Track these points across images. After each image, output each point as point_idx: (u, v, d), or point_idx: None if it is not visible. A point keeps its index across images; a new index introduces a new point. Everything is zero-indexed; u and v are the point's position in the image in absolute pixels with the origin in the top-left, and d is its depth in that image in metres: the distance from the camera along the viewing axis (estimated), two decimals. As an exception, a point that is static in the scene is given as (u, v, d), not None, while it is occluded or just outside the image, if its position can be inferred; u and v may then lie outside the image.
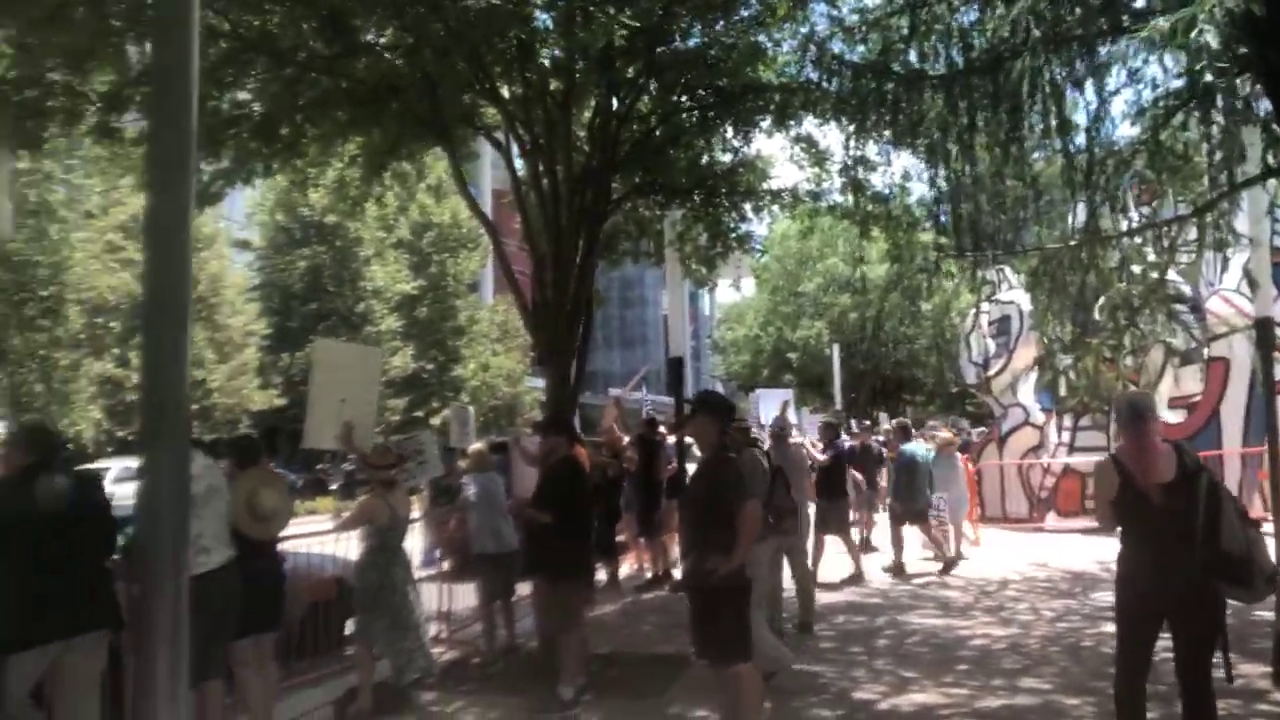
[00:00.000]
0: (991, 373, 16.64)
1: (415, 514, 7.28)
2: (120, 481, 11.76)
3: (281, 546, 5.63)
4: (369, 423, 6.62)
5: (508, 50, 7.03)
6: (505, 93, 8.01)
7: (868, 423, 17.81)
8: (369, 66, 7.20)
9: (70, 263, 22.26)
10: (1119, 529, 4.30)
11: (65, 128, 7.32)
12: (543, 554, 6.27)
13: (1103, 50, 6.70)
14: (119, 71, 7.13)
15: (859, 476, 12.53)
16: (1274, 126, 6.17)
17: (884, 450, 13.51)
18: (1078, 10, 6.16)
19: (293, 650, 6.07)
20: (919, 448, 11.42)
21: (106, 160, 9.64)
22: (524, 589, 7.42)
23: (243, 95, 7.89)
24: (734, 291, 32.80)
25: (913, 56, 7.19)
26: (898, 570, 10.60)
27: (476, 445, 8.23)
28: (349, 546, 7.15)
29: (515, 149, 8.90)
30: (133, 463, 8.25)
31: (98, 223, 24.12)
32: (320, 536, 6.65)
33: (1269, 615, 6.11)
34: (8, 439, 4.20)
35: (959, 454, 13.57)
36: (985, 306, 16.03)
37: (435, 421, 31.59)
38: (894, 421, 14.07)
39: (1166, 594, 4.06)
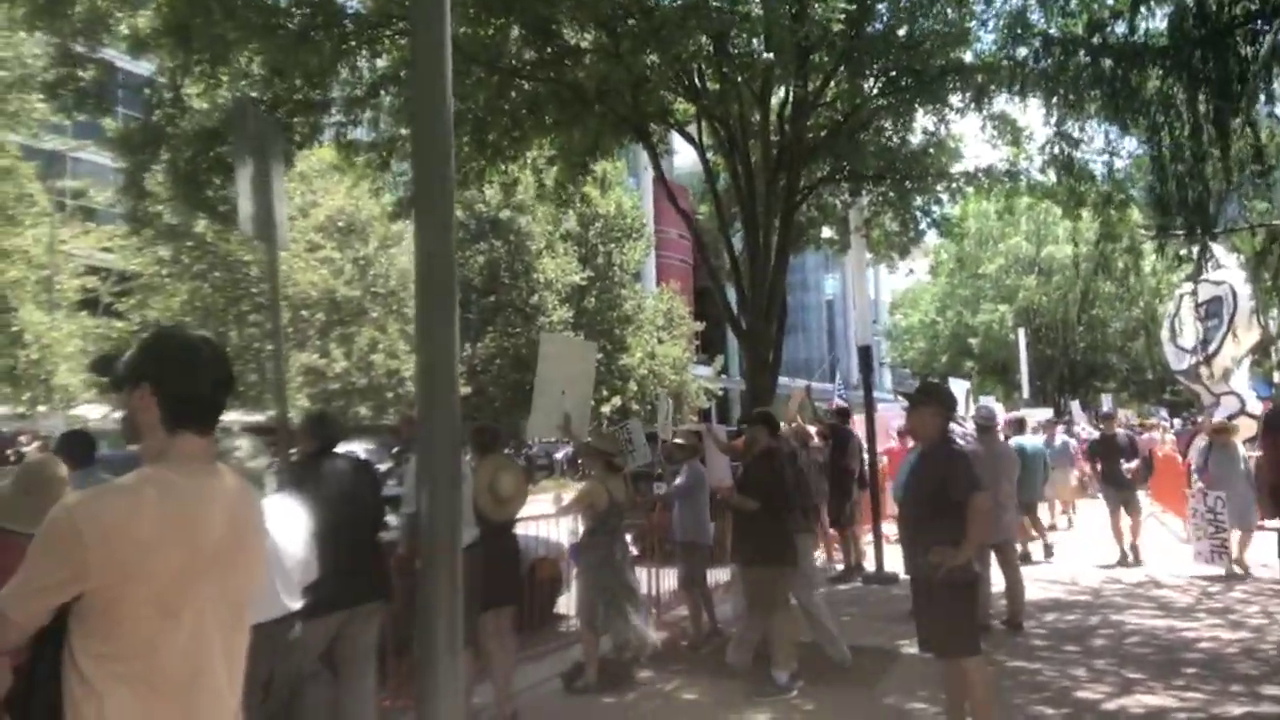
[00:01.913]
0: (1202, 358, 15.48)
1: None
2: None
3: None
4: (585, 413, 6.92)
5: (708, 47, 7.17)
6: (702, 88, 8.15)
7: (1108, 411, 16.66)
8: (574, 69, 7.51)
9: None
10: None
11: (307, 140, 8.02)
12: (748, 541, 6.38)
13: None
14: (352, 85, 7.74)
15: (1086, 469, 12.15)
16: None
17: (1131, 440, 12.26)
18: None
19: (522, 626, 6.45)
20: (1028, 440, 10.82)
21: (333, 167, 10.44)
22: (721, 575, 7.57)
23: (456, 104, 8.39)
24: (907, 276, 31.88)
25: (1121, 29, 6.86)
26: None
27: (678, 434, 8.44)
28: (557, 530, 7.55)
29: (707, 141, 9.03)
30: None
31: (298, 223, 26.14)
32: (540, 520, 7.02)
33: None
34: (298, 427, 4.68)
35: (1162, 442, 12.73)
36: (1195, 287, 14.96)
37: (605, 410, 32.45)
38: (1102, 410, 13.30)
39: None
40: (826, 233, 11.74)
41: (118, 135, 8.62)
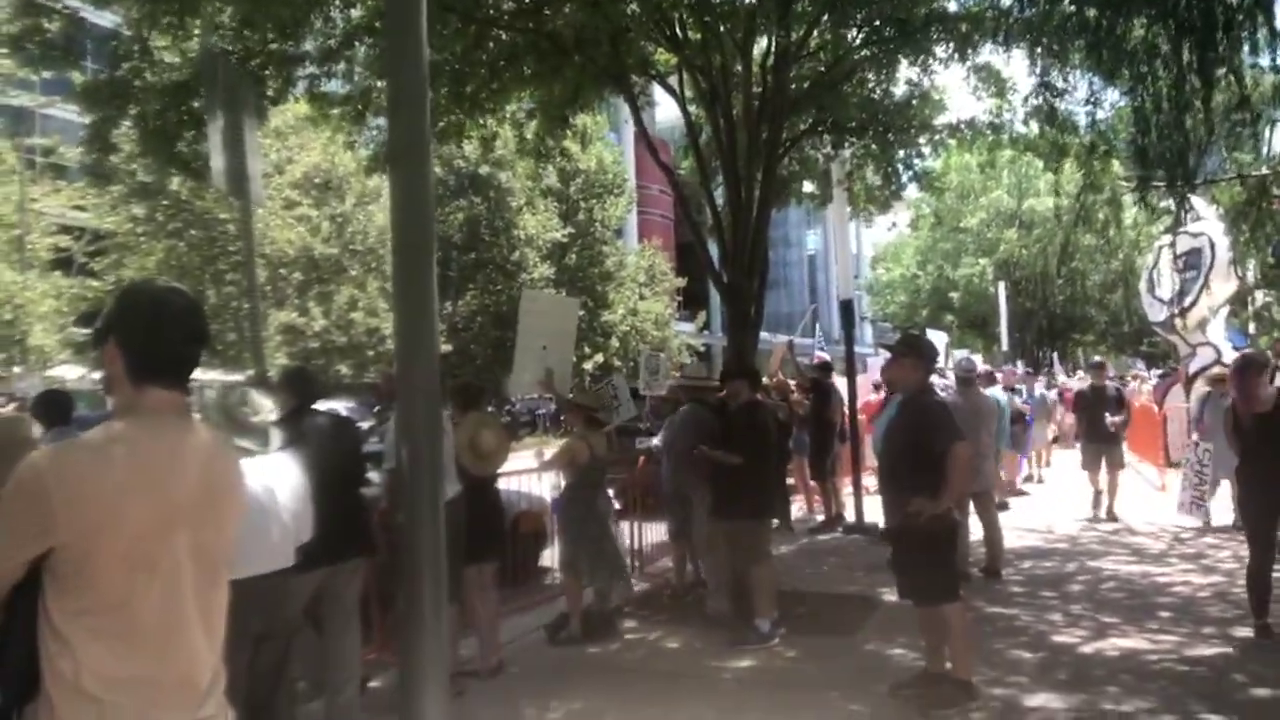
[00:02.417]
0: (1181, 309, 15.61)
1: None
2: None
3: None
4: (567, 369, 6.93)
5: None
6: (683, 37, 8.02)
7: (1098, 360, 16.43)
8: (553, 19, 7.37)
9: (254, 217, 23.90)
10: None
11: (280, 94, 7.86)
12: (730, 494, 6.43)
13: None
14: (325, 36, 7.57)
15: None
16: None
17: (1119, 393, 11.64)
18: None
19: (511, 579, 6.51)
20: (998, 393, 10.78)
21: (308, 120, 10.24)
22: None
23: (432, 55, 8.22)
24: (890, 230, 31.88)
25: None
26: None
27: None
28: (540, 485, 7.57)
29: (689, 93, 8.92)
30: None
31: (274, 180, 25.78)
32: (522, 475, 7.04)
33: None
34: (274, 383, 4.64)
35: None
36: (1169, 239, 15.05)
37: (587, 367, 32.44)
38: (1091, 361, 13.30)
39: None
40: (808, 187, 11.67)
41: (83, 89, 8.40)
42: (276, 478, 3.67)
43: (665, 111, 14.50)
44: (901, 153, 10.22)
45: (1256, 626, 5.85)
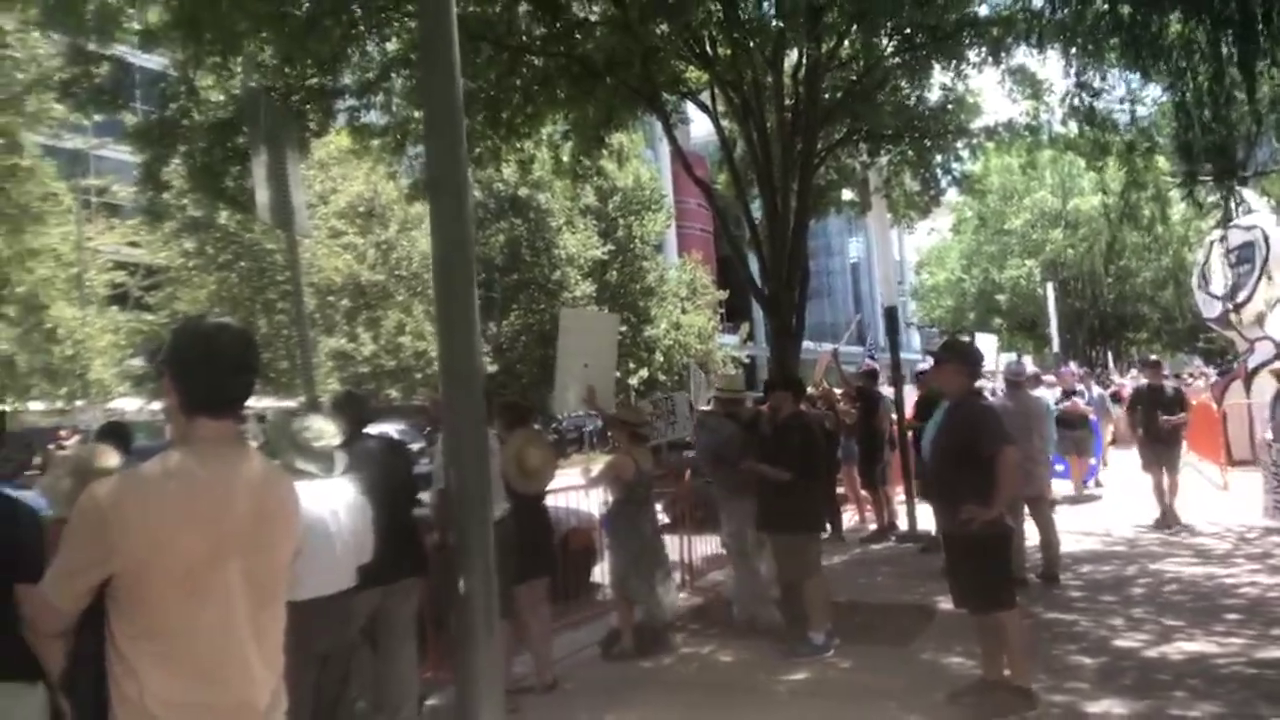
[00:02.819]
0: (1236, 303, 15.23)
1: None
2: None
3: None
4: (609, 385, 6.97)
5: (716, 14, 7.11)
6: (713, 55, 8.08)
7: (1154, 359, 15.90)
8: (583, 43, 7.47)
9: (300, 247, 24.43)
10: None
11: (322, 127, 8.07)
12: (779, 507, 6.40)
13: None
14: (362, 69, 7.76)
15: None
16: None
17: (1179, 393, 11.08)
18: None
19: (564, 595, 6.55)
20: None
21: (351, 152, 10.49)
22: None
23: (467, 83, 8.39)
24: (929, 235, 31.62)
25: None
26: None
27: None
28: (588, 501, 7.62)
29: (721, 108, 8.97)
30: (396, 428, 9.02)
31: (319, 210, 26.33)
32: (570, 491, 7.09)
33: None
34: (327, 408, 4.75)
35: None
36: (1225, 232, 14.68)
37: (632, 382, 32.54)
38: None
39: None
40: (847, 195, 11.64)
41: (134, 130, 8.71)
42: (338, 501, 3.76)
43: (700, 126, 14.55)
44: (939, 157, 10.15)
45: None
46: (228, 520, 1.92)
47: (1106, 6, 6.14)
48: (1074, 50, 7.55)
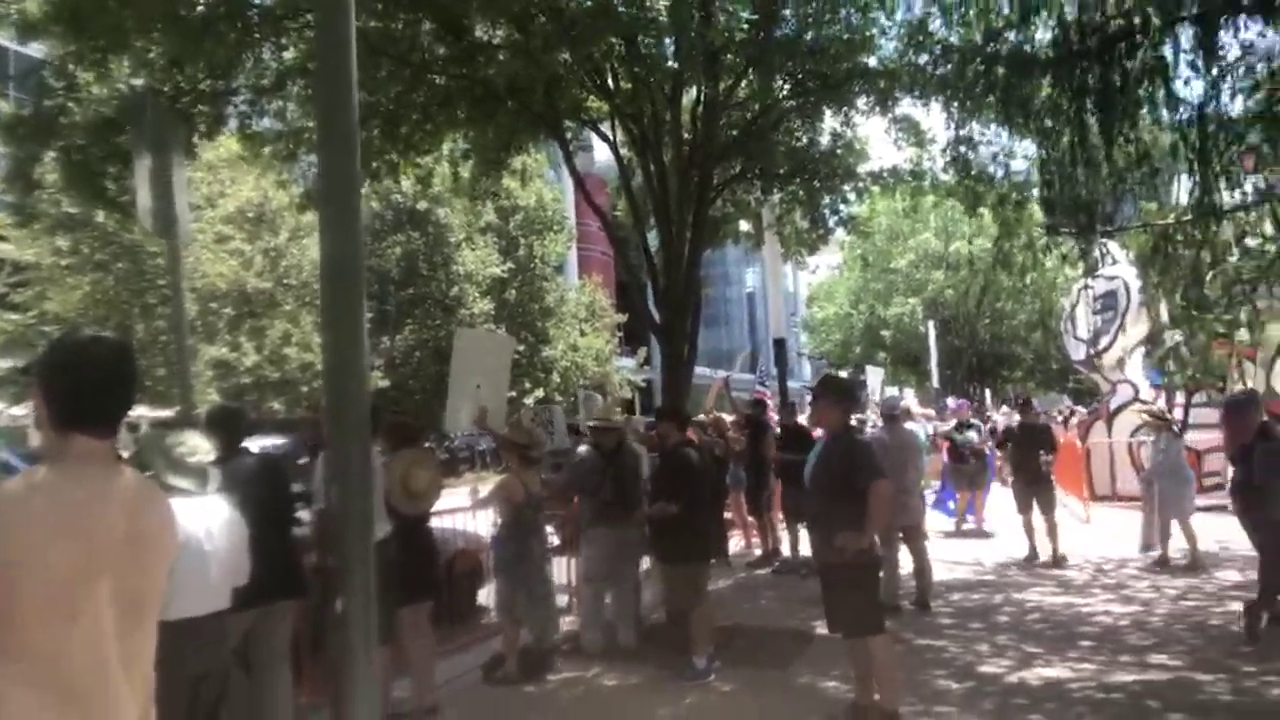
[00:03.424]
0: (1099, 349, 16.26)
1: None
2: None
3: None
4: (502, 406, 6.96)
5: (619, 48, 7.24)
6: (614, 87, 8.21)
7: (1025, 397, 16.44)
8: (486, 66, 7.49)
9: (183, 253, 23.39)
10: None
11: (211, 131, 7.82)
12: (666, 535, 6.49)
13: (1217, 29, 6.57)
14: (257, 75, 7.57)
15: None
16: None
17: (1049, 429, 11.42)
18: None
19: (439, 619, 6.45)
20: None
21: (241, 158, 10.18)
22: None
23: (366, 96, 8.26)
24: (813, 273, 32.67)
25: (1018, 37, 7.15)
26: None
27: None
28: (474, 522, 7.55)
29: (620, 138, 9.10)
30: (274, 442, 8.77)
31: (206, 214, 25.32)
32: (457, 513, 7.02)
33: None
34: (202, 423, 4.59)
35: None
36: (1090, 281, 15.67)
37: (528, 402, 32.30)
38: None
39: None
40: (744, 227, 11.95)
41: (3, 123, 8.21)
42: (212, 519, 3.64)
43: (605, 151, 14.70)
44: (827, 198, 10.53)
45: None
46: (101, 538, 1.86)
47: (983, 67, 6.53)
48: (954, 105, 8.01)
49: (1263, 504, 6.36)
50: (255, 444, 5.32)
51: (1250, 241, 9.02)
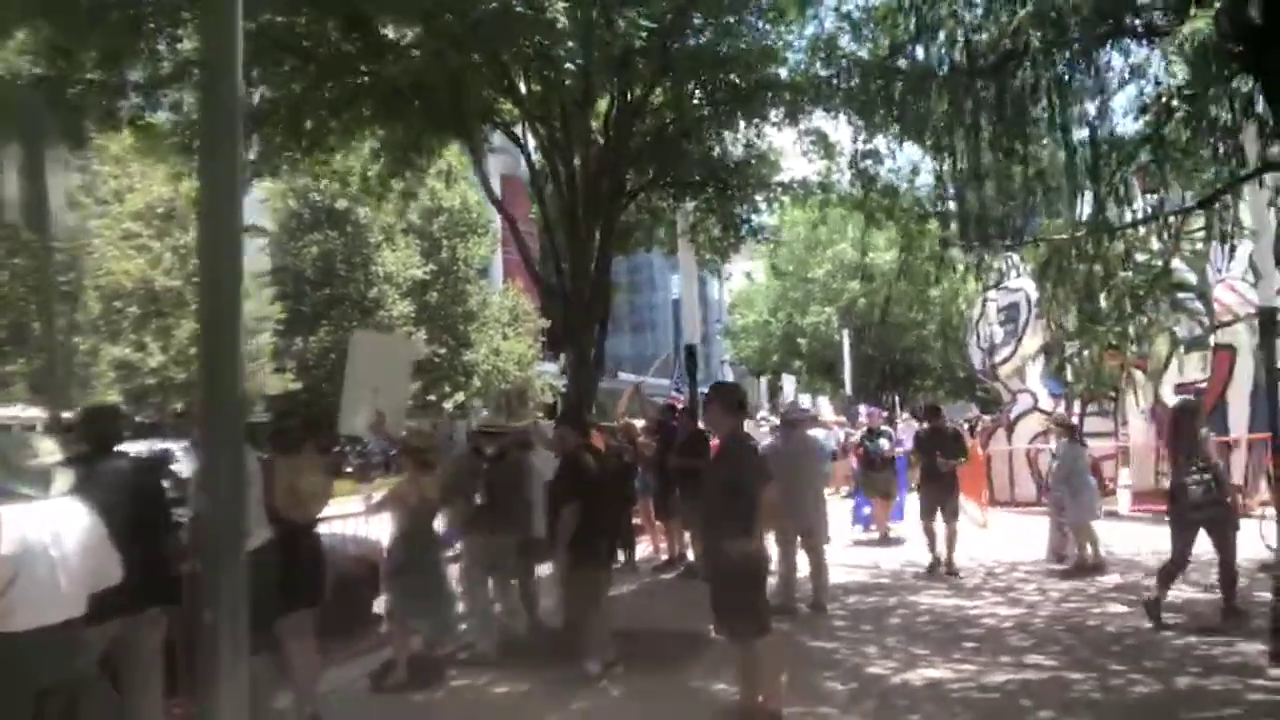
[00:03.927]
0: (999, 359, 16.82)
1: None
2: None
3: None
4: (401, 410, 6.88)
5: (526, 50, 7.24)
6: (524, 90, 8.21)
7: (932, 403, 16.76)
8: (392, 65, 7.41)
9: (88, 249, 22.52)
10: None
11: (103, 124, 7.56)
12: (563, 539, 6.48)
13: (1105, 51, 6.88)
14: (152, 67, 7.36)
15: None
16: (1270, 124, 6.36)
17: (958, 435, 11.56)
18: (1081, 13, 6.31)
19: (331, 627, 6.34)
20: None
21: (135, 150, 9.86)
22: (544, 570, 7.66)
23: (270, 92, 8.11)
24: (745, 278, 33.09)
25: (920, 54, 7.37)
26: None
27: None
28: (377, 528, 7.45)
29: (532, 143, 9.10)
30: (156, 445, 8.51)
31: (112, 209, 24.41)
32: (351, 518, 6.91)
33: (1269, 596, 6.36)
34: (73, 424, 4.44)
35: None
36: (993, 294, 16.21)
37: (447, 406, 31.93)
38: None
39: None
40: (659, 234, 12.04)
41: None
42: (62, 523, 3.51)
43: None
44: (741, 207, 10.68)
45: None
46: None
47: (881, 82, 6.71)
48: (857, 119, 8.22)
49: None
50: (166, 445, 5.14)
51: (1140, 257, 9.41)
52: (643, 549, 11.21)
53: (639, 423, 11.10)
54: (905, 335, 30.41)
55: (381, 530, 7.24)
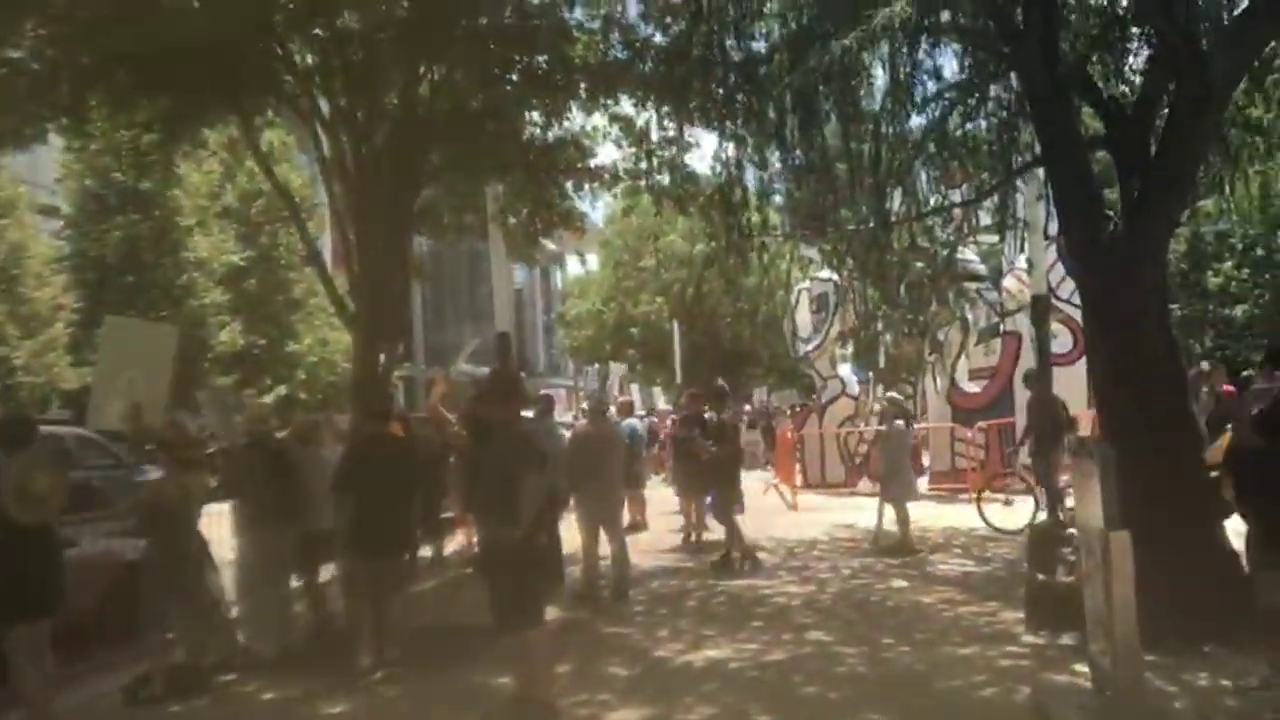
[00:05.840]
0: (812, 347, 17.49)
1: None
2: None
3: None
4: (161, 403, 6.38)
5: (294, 10, 6.79)
6: (301, 61, 7.75)
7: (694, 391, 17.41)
8: (154, 26, 6.80)
9: None
10: None
11: None
12: (350, 532, 6.22)
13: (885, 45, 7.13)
14: None
15: None
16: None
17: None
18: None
19: (85, 638, 5.85)
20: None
21: None
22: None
23: (17, 54, 7.31)
24: (580, 266, 33.08)
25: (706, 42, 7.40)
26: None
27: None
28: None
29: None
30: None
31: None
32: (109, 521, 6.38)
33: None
34: None
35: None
36: (805, 284, 16.82)
37: (268, 399, 30.30)
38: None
39: None
40: (469, 219, 11.73)
41: None
42: None
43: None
44: (554, 192, 10.55)
45: None
46: None
47: (664, 68, 6.72)
48: (657, 104, 8.24)
49: None
50: None
51: (925, 246, 9.84)
52: (456, 543, 10.94)
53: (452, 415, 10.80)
54: (735, 324, 31.23)
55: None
